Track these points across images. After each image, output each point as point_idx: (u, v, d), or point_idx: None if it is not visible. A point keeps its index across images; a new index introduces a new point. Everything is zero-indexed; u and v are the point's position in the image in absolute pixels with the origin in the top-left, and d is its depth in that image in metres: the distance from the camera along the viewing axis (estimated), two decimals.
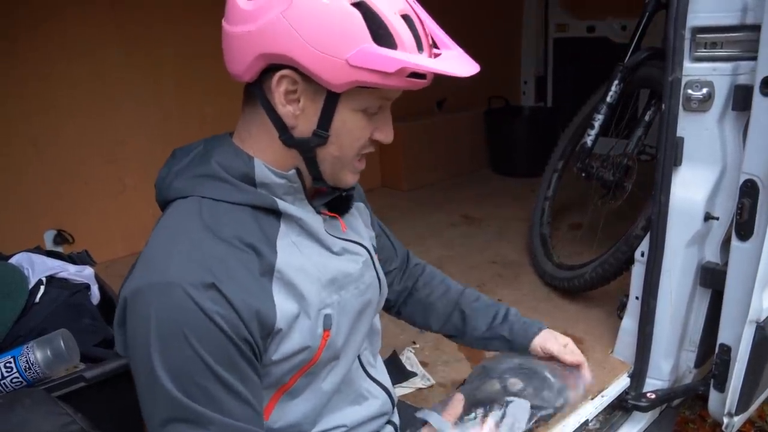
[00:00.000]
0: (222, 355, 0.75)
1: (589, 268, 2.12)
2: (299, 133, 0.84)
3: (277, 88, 0.80)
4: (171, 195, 0.86)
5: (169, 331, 0.73)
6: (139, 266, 0.80)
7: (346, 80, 0.77)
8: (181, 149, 0.91)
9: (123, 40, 2.57)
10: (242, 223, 0.83)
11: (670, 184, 1.57)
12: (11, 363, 1.14)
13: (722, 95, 1.50)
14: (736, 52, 1.47)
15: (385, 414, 1.08)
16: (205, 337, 0.74)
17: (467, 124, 3.93)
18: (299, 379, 0.90)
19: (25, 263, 1.45)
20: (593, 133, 2.21)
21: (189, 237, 0.79)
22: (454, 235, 2.99)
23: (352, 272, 0.94)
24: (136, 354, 0.76)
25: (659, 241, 1.62)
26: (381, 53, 0.75)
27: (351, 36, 0.75)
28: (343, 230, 0.98)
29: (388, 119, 0.88)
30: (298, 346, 0.84)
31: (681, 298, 1.67)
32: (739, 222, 1.47)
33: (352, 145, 0.85)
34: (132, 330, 0.77)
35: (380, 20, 0.76)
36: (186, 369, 0.74)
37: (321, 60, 0.75)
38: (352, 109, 0.82)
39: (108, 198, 2.70)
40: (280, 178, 0.85)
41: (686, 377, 1.81)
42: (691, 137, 1.55)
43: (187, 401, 0.74)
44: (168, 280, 0.74)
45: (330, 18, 0.74)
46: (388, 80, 0.77)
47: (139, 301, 0.76)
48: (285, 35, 0.75)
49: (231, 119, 2.37)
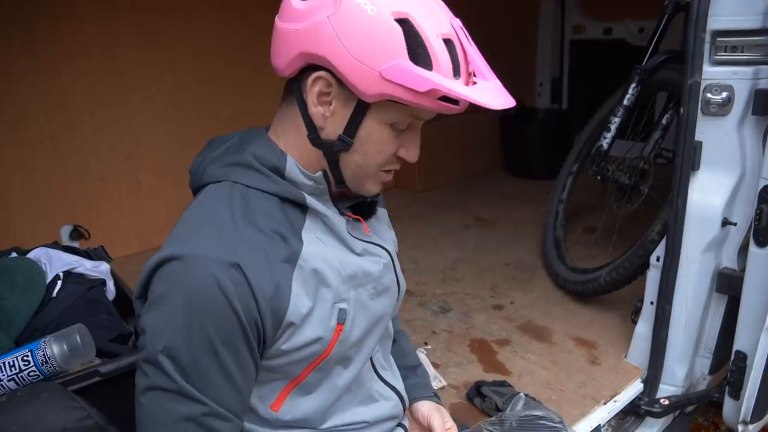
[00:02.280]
0: (227, 335, 0.77)
1: (603, 271, 2.11)
2: (326, 135, 0.85)
3: (312, 88, 0.82)
4: (205, 180, 0.89)
5: (183, 301, 0.76)
6: (168, 240, 0.83)
7: (376, 91, 0.78)
8: (217, 138, 0.94)
9: (141, 39, 2.59)
10: (271, 211, 0.85)
11: (688, 188, 1.56)
12: (29, 356, 1.14)
13: (742, 99, 1.48)
14: (757, 56, 1.46)
15: (396, 417, 1.08)
16: (217, 314, 0.76)
17: (482, 126, 3.92)
18: (311, 373, 0.91)
19: (43, 258, 1.47)
20: (609, 135, 2.20)
21: (219, 217, 0.82)
22: (468, 236, 2.98)
23: (372, 272, 0.95)
24: (151, 321, 0.78)
25: (675, 246, 1.60)
26: (414, 71, 0.76)
27: (388, 50, 0.76)
28: (366, 233, 0.99)
29: (416, 139, 0.89)
30: (310, 337, 0.85)
31: (697, 304, 1.66)
32: (758, 228, 1.45)
33: (376, 157, 0.86)
34: (152, 295, 0.79)
35: (420, 40, 0.77)
36: (191, 343, 0.76)
37: (356, 68, 0.77)
38: (380, 122, 0.83)
39: (123, 195, 2.72)
40: (308, 180, 0.88)
41: (700, 384, 1.79)
42: (709, 142, 1.54)
43: (181, 374, 0.76)
44: (195, 253, 0.77)
45: (371, 29, 0.76)
46: (419, 99, 0.78)
47: (163, 270, 0.78)
48: (327, 38, 0.77)
49: (246, 118, 2.42)
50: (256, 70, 2.56)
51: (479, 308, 2.28)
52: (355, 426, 1.00)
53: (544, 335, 2.08)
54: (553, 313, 2.22)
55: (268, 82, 0.89)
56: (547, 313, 2.22)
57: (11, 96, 2.32)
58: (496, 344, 2.03)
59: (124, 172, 2.70)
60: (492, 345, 2.03)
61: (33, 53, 2.33)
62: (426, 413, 1.11)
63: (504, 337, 2.07)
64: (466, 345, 2.03)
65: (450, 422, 1.10)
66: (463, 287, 2.45)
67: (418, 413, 1.13)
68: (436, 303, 2.33)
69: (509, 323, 2.16)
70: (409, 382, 1.16)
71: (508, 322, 2.17)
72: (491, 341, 2.05)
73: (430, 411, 1.11)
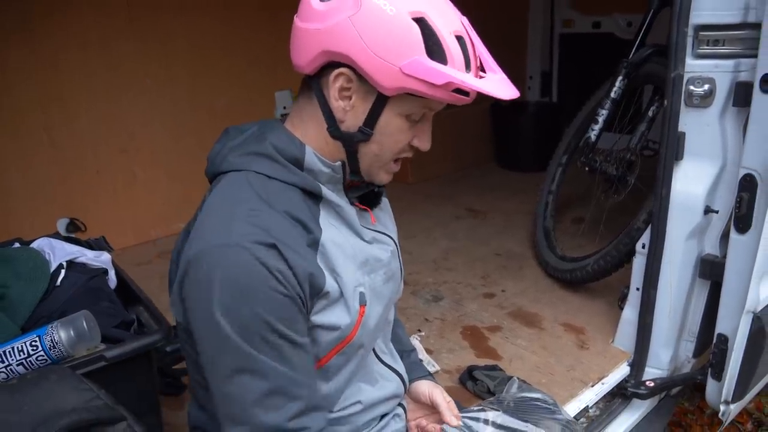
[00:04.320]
0: (283, 310, 0.82)
1: (591, 260, 2.16)
2: (346, 127, 0.91)
3: (334, 84, 0.87)
4: (224, 168, 0.93)
5: (234, 289, 0.80)
6: (197, 233, 0.86)
7: (396, 85, 0.83)
8: (234, 128, 0.98)
9: (136, 32, 2.61)
10: (291, 200, 0.90)
11: (672, 178, 1.61)
12: (37, 342, 1.18)
13: (723, 92, 1.53)
14: (737, 49, 1.51)
15: (398, 396, 1.14)
16: (269, 293, 0.81)
17: (473, 119, 3.96)
18: (334, 357, 0.95)
19: (46, 248, 1.50)
20: (597, 128, 2.25)
21: (246, 205, 0.86)
22: (460, 227, 3.03)
23: (382, 258, 1.01)
24: (199, 314, 0.83)
25: (660, 234, 1.66)
26: (432, 66, 0.82)
27: (407, 46, 0.81)
28: (373, 222, 1.05)
29: (428, 128, 0.95)
30: (337, 319, 0.91)
31: (681, 290, 1.71)
32: (738, 215, 1.51)
33: (392, 147, 0.92)
34: (195, 292, 0.83)
35: (436, 37, 0.83)
36: (251, 322, 0.81)
37: (377, 64, 0.82)
38: (398, 113, 0.89)
39: (119, 187, 2.75)
40: (327, 168, 0.93)
41: (685, 366, 1.85)
42: (692, 132, 1.59)
43: (255, 353, 0.81)
44: (233, 241, 0.81)
45: (391, 28, 0.81)
46: (434, 92, 0.83)
47: (203, 263, 0.82)
48: (349, 37, 0.82)
49: (240, 112, 2.46)
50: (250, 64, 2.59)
51: (471, 296, 2.33)
52: (360, 404, 1.05)
53: (534, 321, 2.13)
54: (543, 300, 2.28)
55: (261, 75, 0.92)
56: (537, 301, 2.28)
57: (8, 89, 2.34)
58: (488, 331, 2.08)
59: (120, 164, 2.72)
60: (483, 331, 2.08)
61: (29, 46, 2.35)
62: (427, 391, 1.16)
63: (495, 324, 2.12)
64: (459, 332, 2.08)
65: (449, 398, 1.15)
66: (455, 276, 2.50)
67: (417, 392, 1.17)
68: (429, 292, 2.38)
69: (500, 310, 2.22)
70: (405, 362, 1.21)
71: (499, 310, 2.22)
72: (483, 328, 2.10)
73: (431, 388, 1.16)
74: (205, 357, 0.85)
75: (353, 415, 1.03)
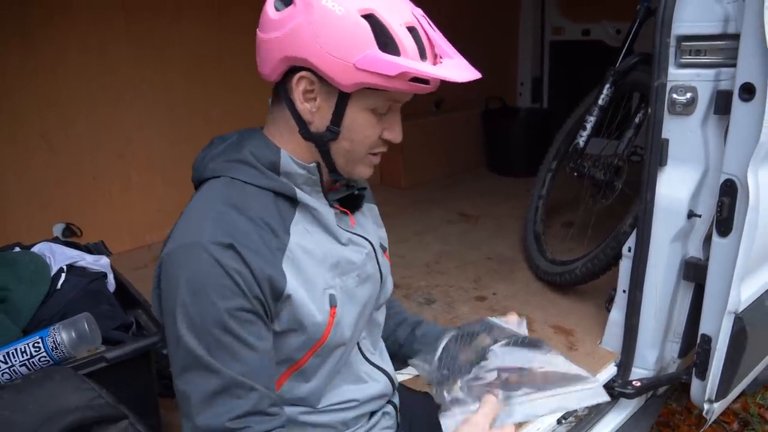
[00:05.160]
0: (237, 308, 0.85)
1: (579, 263, 2.21)
2: (315, 128, 0.94)
3: (297, 87, 0.91)
4: (205, 175, 0.97)
5: (192, 286, 0.85)
6: (171, 234, 0.92)
7: (353, 81, 0.87)
8: (218, 138, 1.03)
9: (133, 38, 2.65)
10: (264, 205, 0.94)
11: (656, 183, 1.66)
12: (39, 343, 1.22)
13: (705, 100, 1.58)
14: (718, 59, 1.56)
15: (386, 395, 1.16)
16: (223, 290, 0.85)
17: (465, 124, 4.02)
18: (310, 358, 0.98)
19: (47, 252, 1.54)
20: (585, 134, 2.31)
21: (217, 208, 0.90)
22: (452, 231, 3.08)
23: (355, 261, 1.04)
24: (167, 309, 0.88)
25: (645, 237, 1.70)
26: (384, 58, 0.85)
27: (359, 43, 0.85)
28: (352, 225, 1.08)
29: (397, 120, 0.98)
30: (308, 319, 0.94)
31: (666, 291, 1.76)
32: (719, 219, 1.55)
33: (362, 142, 0.96)
34: (165, 289, 0.89)
35: (387, 30, 0.86)
36: (203, 320, 0.84)
37: (333, 63, 0.86)
38: (362, 108, 0.92)
39: (116, 192, 2.77)
40: (302, 169, 0.96)
41: (670, 367, 1.89)
42: (675, 139, 1.64)
43: (205, 353, 0.84)
44: (196, 240, 0.86)
45: (342, 27, 0.85)
46: (391, 83, 0.87)
47: (171, 262, 0.88)
48: (304, 41, 0.86)
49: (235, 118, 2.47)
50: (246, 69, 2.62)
51: (462, 299, 2.37)
52: (347, 404, 1.07)
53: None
54: (533, 303, 2.32)
55: (257, 82, 0.95)
56: (528, 303, 2.32)
57: (6, 93, 2.36)
58: None
59: (117, 170, 2.75)
60: None
61: (28, 51, 2.37)
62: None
63: None
64: None
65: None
66: (447, 280, 2.54)
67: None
68: (421, 295, 2.41)
69: (491, 313, 2.25)
70: (419, 333, 1.22)
71: (491, 312, 2.26)
72: None
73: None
74: (168, 350, 0.89)
75: (343, 410, 1.06)
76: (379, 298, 1.14)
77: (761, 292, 1.69)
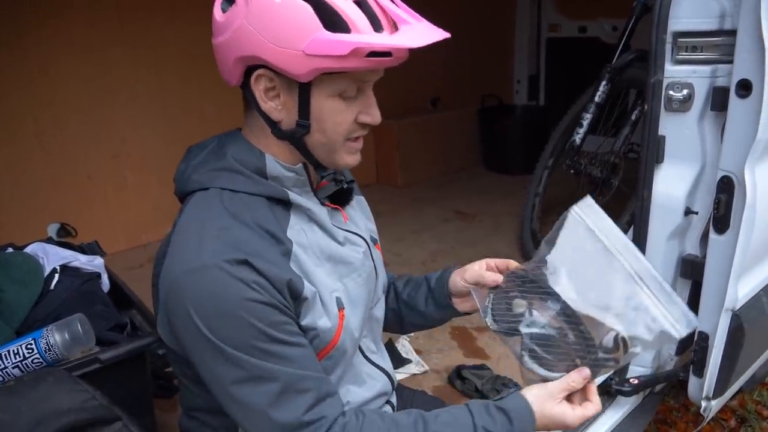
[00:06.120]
0: (268, 317, 0.83)
1: None
2: (286, 125, 0.90)
3: (257, 87, 0.87)
4: (190, 187, 0.93)
5: (217, 309, 0.81)
6: (171, 257, 0.87)
7: (307, 69, 0.81)
8: (195, 146, 0.98)
9: (127, 38, 2.64)
10: (260, 212, 0.90)
11: (653, 180, 1.65)
12: (32, 345, 1.20)
13: (701, 96, 1.57)
14: (714, 55, 1.54)
15: (385, 394, 1.15)
16: (249, 304, 0.81)
17: (461, 122, 4.02)
18: (323, 361, 0.96)
19: (40, 253, 1.52)
20: (582, 131, 2.30)
21: (216, 224, 0.86)
22: (448, 230, 3.07)
23: (353, 262, 1.02)
24: (190, 336, 0.83)
25: (642, 235, 1.69)
26: (332, 38, 0.79)
27: (303, 28, 0.80)
28: (345, 221, 1.06)
29: (372, 101, 0.92)
30: (321, 322, 0.92)
31: None
32: (716, 216, 1.55)
33: (336, 130, 0.90)
34: (181, 318, 0.84)
35: (331, 8, 0.80)
36: (243, 336, 0.82)
37: (282, 54, 0.81)
38: (327, 96, 0.86)
39: (110, 192, 2.77)
40: (290, 172, 0.93)
41: (668, 364, 1.88)
42: (672, 136, 1.63)
43: (256, 361, 0.82)
44: (204, 263, 0.82)
45: (283, 15, 0.80)
46: (347, 62, 0.80)
47: (180, 290, 0.83)
48: (251, 37, 0.82)
49: (230, 116, 2.43)
50: None
51: None
52: (348, 404, 1.06)
53: None
54: None
55: None
56: None
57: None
58: (476, 331, 2.12)
59: (111, 170, 2.74)
60: (472, 332, 2.11)
61: (21, 52, 2.37)
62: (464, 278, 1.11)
63: (483, 325, 2.15)
64: (447, 332, 2.12)
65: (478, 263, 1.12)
66: None
67: (458, 287, 1.14)
68: None
69: None
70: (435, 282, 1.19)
71: None
72: (471, 328, 2.14)
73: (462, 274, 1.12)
74: (206, 369, 0.86)
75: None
76: (377, 291, 1.13)
77: (758, 289, 1.68)
